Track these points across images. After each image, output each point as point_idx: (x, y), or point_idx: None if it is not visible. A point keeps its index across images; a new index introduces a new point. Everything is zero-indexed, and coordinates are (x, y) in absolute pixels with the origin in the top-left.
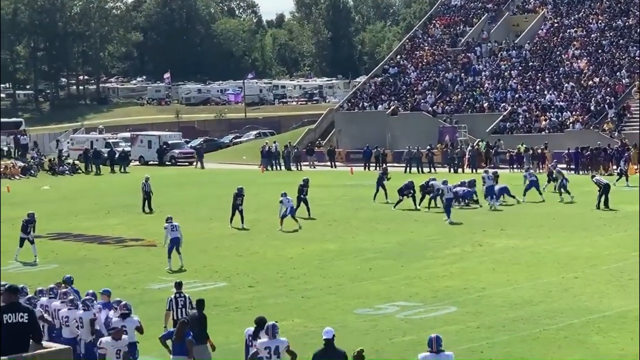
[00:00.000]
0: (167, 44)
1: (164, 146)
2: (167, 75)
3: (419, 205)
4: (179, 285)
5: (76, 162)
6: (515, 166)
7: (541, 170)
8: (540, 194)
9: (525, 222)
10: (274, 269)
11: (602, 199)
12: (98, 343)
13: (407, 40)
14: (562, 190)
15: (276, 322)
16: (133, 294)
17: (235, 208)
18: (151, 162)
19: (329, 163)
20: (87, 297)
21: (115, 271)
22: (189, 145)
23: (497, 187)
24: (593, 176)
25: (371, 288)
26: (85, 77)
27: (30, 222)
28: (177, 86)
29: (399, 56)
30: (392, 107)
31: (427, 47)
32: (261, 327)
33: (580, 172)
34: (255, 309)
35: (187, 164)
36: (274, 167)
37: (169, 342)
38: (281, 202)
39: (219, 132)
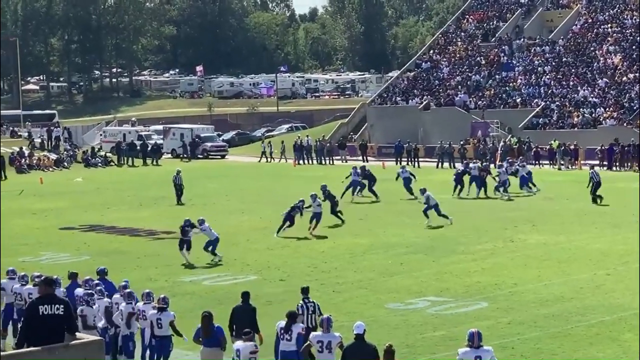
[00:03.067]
0: (200, 37)
1: (196, 139)
2: (199, 68)
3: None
4: (306, 290)
5: (108, 154)
6: (548, 162)
7: (574, 167)
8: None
9: (557, 218)
10: (305, 263)
11: (594, 192)
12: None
13: (440, 35)
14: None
15: (330, 315)
16: (164, 286)
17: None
18: (183, 155)
19: (360, 157)
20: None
21: (146, 263)
22: (221, 138)
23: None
24: (592, 167)
25: (402, 283)
26: (119, 70)
27: (188, 226)
28: (210, 79)
29: (431, 51)
30: (424, 102)
31: (460, 42)
32: (292, 320)
33: (614, 169)
34: (286, 303)
35: (219, 157)
36: (306, 160)
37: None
38: (310, 206)
39: (251, 125)
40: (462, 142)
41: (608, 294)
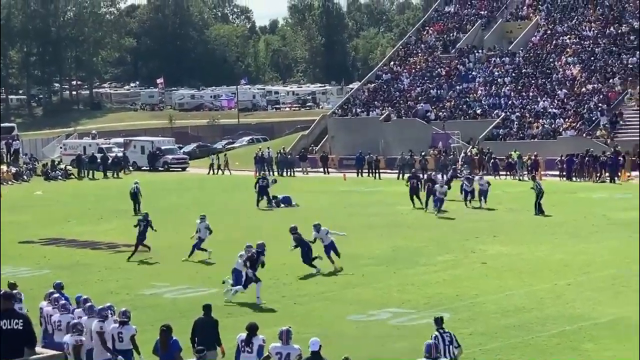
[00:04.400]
0: (161, 49)
1: (157, 152)
2: (160, 80)
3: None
4: (440, 321)
5: (69, 167)
6: (508, 173)
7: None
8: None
9: (518, 228)
10: (266, 275)
11: (538, 204)
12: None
13: (401, 47)
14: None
15: (290, 327)
16: (126, 299)
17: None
18: (144, 168)
19: (321, 169)
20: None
21: (108, 276)
22: (181, 150)
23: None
24: (534, 177)
25: (364, 294)
26: (79, 82)
27: (255, 259)
28: (171, 92)
29: (392, 62)
30: (385, 113)
31: (420, 54)
32: (252, 333)
33: (573, 179)
34: (247, 315)
35: (179, 169)
36: (267, 172)
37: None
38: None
39: (211, 137)
40: (422, 153)
41: (569, 304)
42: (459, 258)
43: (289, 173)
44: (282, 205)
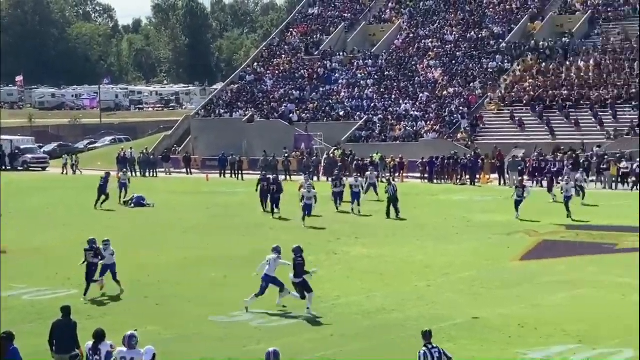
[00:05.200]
0: (20, 46)
1: (16, 151)
2: (19, 78)
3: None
4: (428, 335)
5: None
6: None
7: (397, 179)
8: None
9: (380, 230)
10: (127, 276)
11: (392, 207)
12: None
13: (264, 48)
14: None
15: (135, 330)
16: None
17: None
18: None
19: (184, 170)
20: None
21: None
22: (42, 150)
23: None
24: (389, 182)
25: (226, 296)
26: None
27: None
28: (31, 90)
29: (256, 63)
30: (248, 115)
31: (284, 55)
32: (99, 340)
33: (435, 181)
34: (107, 317)
35: (40, 169)
36: (130, 173)
37: None
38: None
39: (73, 137)
40: (285, 155)
41: (429, 305)
42: (320, 259)
43: (151, 173)
44: (142, 202)
